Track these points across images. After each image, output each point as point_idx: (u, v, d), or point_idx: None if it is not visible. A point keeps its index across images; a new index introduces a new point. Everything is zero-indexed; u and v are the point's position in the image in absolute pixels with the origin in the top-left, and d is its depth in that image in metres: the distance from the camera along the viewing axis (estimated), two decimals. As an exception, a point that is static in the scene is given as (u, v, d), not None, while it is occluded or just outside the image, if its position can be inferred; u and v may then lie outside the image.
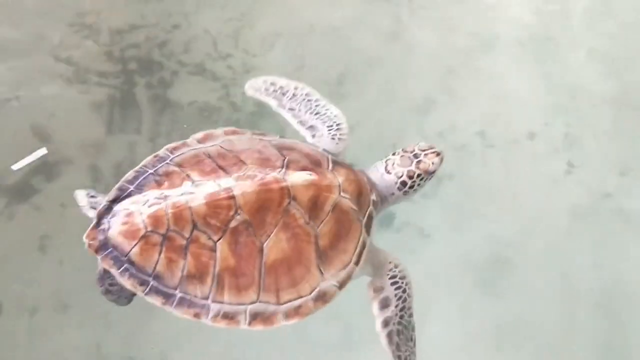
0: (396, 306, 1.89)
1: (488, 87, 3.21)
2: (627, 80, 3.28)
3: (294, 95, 2.22)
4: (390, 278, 1.92)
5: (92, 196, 1.82)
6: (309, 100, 2.20)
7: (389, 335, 1.88)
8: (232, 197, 1.64)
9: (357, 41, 3.28)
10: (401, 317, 1.89)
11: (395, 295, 1.90)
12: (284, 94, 2.23)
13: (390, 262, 1.94)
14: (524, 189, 2.93)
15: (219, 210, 1.64)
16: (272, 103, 2.23)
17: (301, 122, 2.17)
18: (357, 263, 1.82)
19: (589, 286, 2.73)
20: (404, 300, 1.90)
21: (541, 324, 2.65)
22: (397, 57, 3.22)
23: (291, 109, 2.20)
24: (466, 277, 2.72)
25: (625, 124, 3.15)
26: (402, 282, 1.92)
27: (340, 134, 2.10)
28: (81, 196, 1.82)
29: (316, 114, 2.17)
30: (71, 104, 3.04)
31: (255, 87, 2.27)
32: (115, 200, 1.72)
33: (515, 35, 3.38)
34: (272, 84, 2.26)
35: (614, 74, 3.29)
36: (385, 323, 1.89)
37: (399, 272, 1.93)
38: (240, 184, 1.67)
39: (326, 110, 2.17)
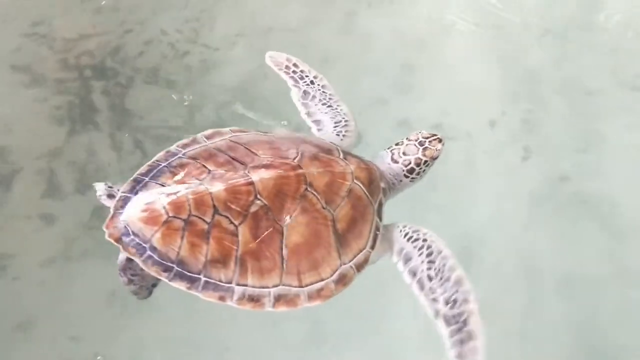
0: (420, 255, 1.85)
1: (444, 78, 3.23)
2: (582, 63, 3.32)
3: (311, 82, 2.27)
4: (404, 237, 1.91)
5: (109, 187, 1.81)
6: (323, 92, 2.25)
7: (419, 283, 1.81)
8: (251, 183, 1.67)
9: (315, 39, 3.30)
10: (430, 262, 1.83)
11: (415, 246, 1.87)
12: (302, 78, 2.27)
13: (397, 227, 1.95)
14: (484, 178, 2.94)
15: (239, 195, 1.65)
16: (289, 82, 2.26)
17: (309, 114, 2.21)
18: (372, 247, 1.86)
19: (550, 271, 2.75)
20: (428, 248, 1.86)
21: (505, 309, 2.67)
22: (353, 53, 3.24)
23: (305, 94, 2.24)
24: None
25: (582, 108, 3.19)
26: (418, 234, 1.90)
27: (345, 131, 2.14)
28: (99, 186, 1.81)
29: (328, 107, 2.21)
30: (28, 112, 3.00)
31: (275, 61, 2.31)
32: (131, 191, 1.72)
33: (469, 23, 3.41)
34: (295, 64, 2.30)
35: (569, 57, 3.33)
36: (413, 273, 1.84)
37: (409, 228, 1.92)
38: (257, 171, 1.71)
39: (337, 106, 2.21)
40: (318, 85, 2.26)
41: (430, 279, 1.80)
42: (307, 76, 2.28)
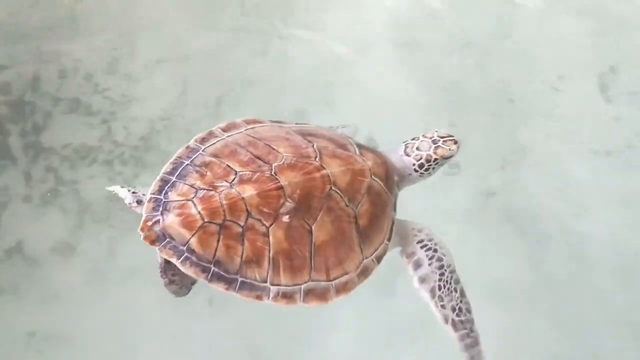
0: (430, 265, 1.97)
1: (367, 94, 3.26)
2: (502, 74, 3.40)
3: None
4: (417, 242, 2.01)
5: (133, 192, 1.85)
6: None
7: (432, 291, 1.95)
8: (281, 187, 1.73)
9: (235, 63, 3.30)
10: (441, 274, 1.97)
11: (427, 255, 1.99)
12: None
13: (413, 229, 2.05)
14: (411, 195, 2.92)
15: (270, 200, 1.72)
16: None
17: None
18: (389, 239, 1.95)
19: (479, 283, 2.69)
20: (439, 259, 1.98)
21: (437, 325, 2.70)
22: (273, 74, 3.25)
23: None
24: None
25: (504, 118, 3.27)
26: (431, 243, 2.01)
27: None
28: (123, 193, 1.85)
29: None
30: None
31: None
32: (160, 192, 1.75)
33: (389, 38, 3.46)
34: None
35: (488, 68, 3.41)
36: (422, 280, 1.97)
37: (425, 235, 2.03)
38: (284, 173, 1.76)
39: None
40: None
41: (440, 288, 1.96)
42: None
